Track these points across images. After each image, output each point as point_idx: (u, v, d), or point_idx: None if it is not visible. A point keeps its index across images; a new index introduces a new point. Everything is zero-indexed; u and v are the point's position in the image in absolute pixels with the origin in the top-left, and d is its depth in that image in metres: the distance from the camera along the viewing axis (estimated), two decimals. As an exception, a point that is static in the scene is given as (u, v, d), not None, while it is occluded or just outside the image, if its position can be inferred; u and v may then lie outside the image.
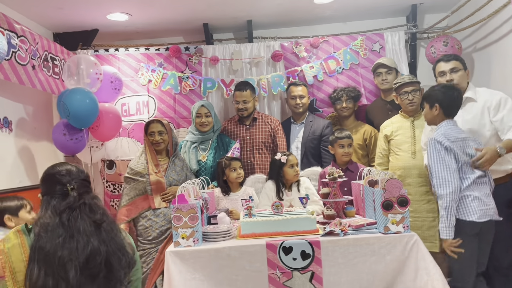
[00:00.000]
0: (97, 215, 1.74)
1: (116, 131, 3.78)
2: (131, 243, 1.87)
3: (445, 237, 2.47)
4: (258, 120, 3.74)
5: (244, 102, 3.63)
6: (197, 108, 3.54)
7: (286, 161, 3.11)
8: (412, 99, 3.25)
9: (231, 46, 4.15)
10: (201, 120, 3.51)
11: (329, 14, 4.17)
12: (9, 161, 3.08)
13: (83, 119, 3.34)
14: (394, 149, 3.30)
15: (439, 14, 4.26)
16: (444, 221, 2.46)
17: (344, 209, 2.86)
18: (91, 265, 1.63)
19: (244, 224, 2.53)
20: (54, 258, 1.58)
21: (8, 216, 2.48)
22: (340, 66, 4.09)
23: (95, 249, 1.65)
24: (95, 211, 1.75)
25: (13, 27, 2.90)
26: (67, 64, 3.42)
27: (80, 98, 3.28)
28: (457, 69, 2.88)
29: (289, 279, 2.35)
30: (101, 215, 1.75)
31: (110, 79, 3.71)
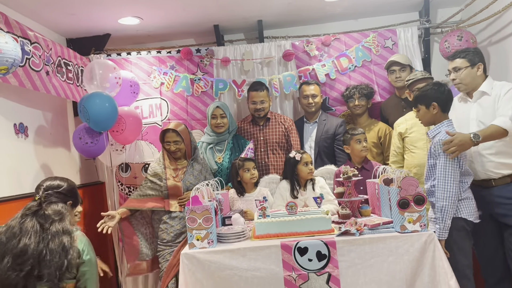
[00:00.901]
0: (47, 223, 2.14)
1: (138, 134, 3.81)
2: (79, 250, 2.16)
3: (442, 238, 2.49)
4: (272, 120, 3.72)
5: (261, 102, 3.62)
6: (212, 109, 3.54)
7: (300, 159, 3.11)
8: None
9: (242, 47, 4.15)
10: (216, 122, 3.51)
11: (340, 11, 4.13)
12: (25, 166, 3.12)
13: (102, 123, 3.37)
14: (409, 146, 3.26)
15: (453, 8, 4.18)
16: (440, 223, 2.50)
17: (360, 208, 2.84)
18: (19, 260, 2.03)
19: (259, 225, 2.52)
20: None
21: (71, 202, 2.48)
22: (353, 63, 4.05)
23: (27, 247, 2.04)
24: (47, 218, 2.15)
25: (27, 34, 2.94)
26: (87, 69, 3.48)
27: (99, 102, 3.32)
28: (458, 68, 2.82)
29: (305, 281, 2.33)
30: (50, 223, 2.14)
31: (129, 83, 3.74)
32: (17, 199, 2.93)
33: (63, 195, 2.33)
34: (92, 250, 2.25)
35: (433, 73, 4.23)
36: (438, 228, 2.51)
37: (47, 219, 2.15)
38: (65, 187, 2.37)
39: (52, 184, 2.35)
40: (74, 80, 3.60)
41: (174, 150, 3.20)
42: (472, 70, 2.80)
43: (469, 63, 2.80)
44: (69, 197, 2.36)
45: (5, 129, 2.95)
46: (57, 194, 2.31)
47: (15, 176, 2.99)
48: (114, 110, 3.40)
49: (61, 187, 2.35)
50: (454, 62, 2.86)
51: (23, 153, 3.12)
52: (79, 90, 3.68)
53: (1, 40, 2.42)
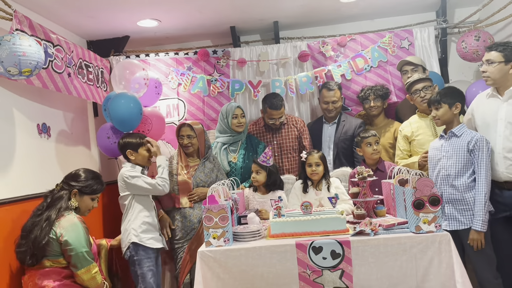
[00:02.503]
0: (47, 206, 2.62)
1: (162, 133, 3.88)
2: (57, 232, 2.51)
3: (484, 229, 2.56)
4: (285, 124, 3.74)
5: (279, 118, 3.66)
6: (234, 109, 3.58)
7: (305, 159, 3.17)
8: (424, 96, 3.21)
9: (258, 48, 4.19)
10: (238, 121, 3.56)
11: (356, 12, 4.14)
12: (48, 165, 3.22)
13: (127, 123, 3.44)
14: (417, 149, 3.24)
15: (470, 8, 4.15)
16: (483, 215, 2.56)
17: (375, 209, 2.84)
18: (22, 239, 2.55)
19: (274, 224, 2.55)
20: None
21: (129, 150, 2.86)
22: (368, 64, 4.05)
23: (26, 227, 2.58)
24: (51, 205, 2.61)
25: (50, 37, 3.03)
26: (115, 70, 3.58)
27: (124, 102, 3.40)
28: (491, 61, 2.72)
29: (319, 276, 2.38)
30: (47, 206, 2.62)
31: (154, 84, 3.81)
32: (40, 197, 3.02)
33: (70, 183, 2.71)
34: (74, 232, 2.53)
35: (450, 73, 4.23)
36: (481, 220, 2.55)
37: (49, 203, 2.63)
38: (77, 176, 2.73)
39: (70, 173, 2.77)
40: (94, 82, 3.69)
41: (186, 143, 3.31)
42: (505, 67, 2.69)
43: (503, 59, 2.68)
44: (75, 186, 2.70)
45: (29, 129, 3.05)
46: (66, 180, 2.73)
47: (38, 175, 3.08)
48: (138, 110, 3.47)
49: (72, 176, 2.74)
50: (489, 54, 2.75)
51: (45, 153, 3.21)
52: (99, 91, 3.77)
53: (25, 43, 2.51)
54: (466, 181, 2.64)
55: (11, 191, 2.77)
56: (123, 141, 2.99)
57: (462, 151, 2.66)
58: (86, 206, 2.77)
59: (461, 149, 2.67)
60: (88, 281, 2.56)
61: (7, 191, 2.73)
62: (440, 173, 2.75)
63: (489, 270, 2.63)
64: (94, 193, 2.79)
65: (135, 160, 3.01)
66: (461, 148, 2.67)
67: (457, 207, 2.67)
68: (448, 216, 2.71)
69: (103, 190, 2.84)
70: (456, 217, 2.67)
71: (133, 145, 2.97)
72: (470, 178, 2.64)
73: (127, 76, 3.58)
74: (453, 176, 2.68)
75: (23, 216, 2.82)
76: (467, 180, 2.64)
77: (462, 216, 2.65)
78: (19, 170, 2.86)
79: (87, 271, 2.55)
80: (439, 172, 2.77)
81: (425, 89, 3.20)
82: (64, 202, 2.64)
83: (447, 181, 2.71)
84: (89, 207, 2.79)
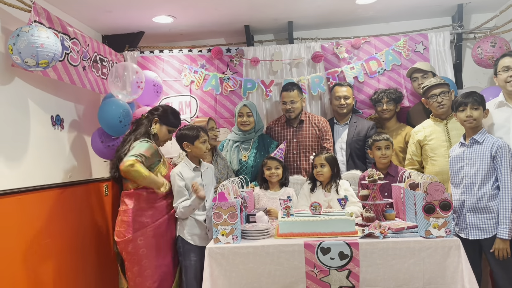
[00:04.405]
0: (132, 133, 3.05)
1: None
2: (130, 148, 2.87)
3: (510, 237, 2.51)
4: (305, 122, 3.73)
5: (291, 103, 3.64)
6: (239, 107, 3.61)
7: (313, 161, 3.20)
8: (441, 101, 3.17)
9: (272, 47, 4.19)
10: (242, 120, 3.57)
11: (371, 14, 4.12)
12: (60, 157, 3.25)
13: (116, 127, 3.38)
14: (429, 154, 3.22)
15: (487, 14, 4.12)
16: (509, 222, 2.51)
17: (384, 212, 2.83)
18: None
19: (283, 224, 2.56)
20: None
21: (186, 143, 2.96)
22: (382, 67, 4.04)
23: (118, 147, 3.09)
24: (135, 130, 3.05)
25: (66, 30, 3.06)
26: (112, 71, 3.51)
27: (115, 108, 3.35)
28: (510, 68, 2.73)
29: (326, 275, 2.38)
30: (132, 133, 3.06)
31: (152, 83, 3.84)
32: (51, 188, 3.06)
33: (153, 112, 3.10)
34: (140, 145, 2.84)
35: (464, 79, 4.19)
36: (508, 228, 2.51)
37: (134, 128, 3.09)
38: (159, 108, 3.12)
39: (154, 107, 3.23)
40: (108, 76, 3.72)
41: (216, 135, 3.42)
42: None
43: None
44: (156, 115, 3.06)
45: (43, 121, 3.09)
46: (149, 111, 3.13)
47: (50, 166, 3.12)
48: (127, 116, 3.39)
49: (155, 108, 3.16)
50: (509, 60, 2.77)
51: (58, 145, 3.25)
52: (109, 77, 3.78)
53: (43, 35, 2.54)
54: (489, 188, 2.59)
55: (25, 180, 2.80)
56: (181, 133, 3.01)
57: (485, 158, 2.61)
58: (164, 135, 3.08)
59: (484, 156, 2.62)
60: (126, 171, 2.74)
61: (21, 181, 2.77)
62: (463, 181, 2.69)
63: (507, 277, 2.57)
64: (172, 126, 3.09)
65: (191, 152, 2.99)
66: (484, 155, 2.62)
67: (480, 216, 2.62)
68: (469, 224, 2.65)
69: (179, 125, 3.15)
70: (479, 226, 2.62)
71: (189, 138, 2.96)
72: (493, 186, 2.59)
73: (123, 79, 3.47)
74: (478, 184, 2.62)
75: (35, 206, 2.87)
76: (490, 187, 2.59)
77: (485, 225, 2.60)
78: (32, 161, 2.90)
79: (124, 162, 2.74)
80: (462, 179, 2.71)
81: (442, 94, 3.18)
82: (144, 127, 3.01)
83: (471, 189, 2.65)
84: (165, 138, 3.10)
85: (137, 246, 2.87)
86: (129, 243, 2.88)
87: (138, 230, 2.87)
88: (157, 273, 2.89)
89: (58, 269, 3.06)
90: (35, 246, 2.83)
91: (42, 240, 2.91)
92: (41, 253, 2.89)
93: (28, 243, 2.77)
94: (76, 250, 3.30)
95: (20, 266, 2.67)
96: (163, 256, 2.92)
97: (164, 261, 2.93)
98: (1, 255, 2.52)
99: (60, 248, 3.11)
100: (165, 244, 2.94)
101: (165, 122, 3.06)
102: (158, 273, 2.90)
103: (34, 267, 2.80)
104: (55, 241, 3.04)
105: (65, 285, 3.12)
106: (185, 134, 2.97)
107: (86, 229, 3.48)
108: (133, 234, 2.87)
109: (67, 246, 3.19)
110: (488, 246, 2.60)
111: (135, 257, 2.89)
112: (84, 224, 3.46)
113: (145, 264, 2.88)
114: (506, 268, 2.58)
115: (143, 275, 2.88)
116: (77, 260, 3.31)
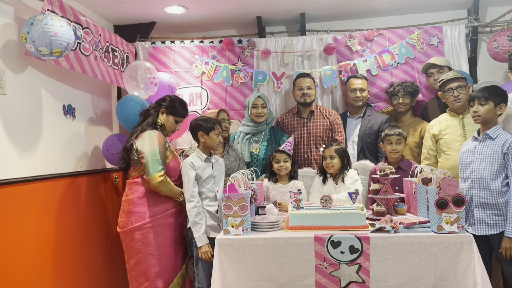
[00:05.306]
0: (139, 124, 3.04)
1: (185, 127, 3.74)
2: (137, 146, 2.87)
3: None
4: (316, 113, 3.73)
5: (308, 88, 3.65)
6: (253, 99, 3.59)
7: (323, 152, 3.22)
8: (457, 95, 3.11)
9: (283, 39, 4.16)
10: (257, 111, 3.56)
11: (386, 6, 4.06)
12: (71, 147, 3.27)
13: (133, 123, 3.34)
14: (443, 148, 3.18)
15: (504, 7, 4.02)
16: None
17: (395, 207, 2.81)
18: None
19: (293, 216, 2.55)
20: None
21: (201, 132, 2.95)
22: (395, 60, 3.99)
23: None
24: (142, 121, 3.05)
25: (79, 19, 3.06)
26: (128, 69, 3.54)
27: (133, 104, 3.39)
28: None
29: (335, 270, 2.37)
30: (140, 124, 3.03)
31: (167, 84, 3.82)
32: (62, 177, 3.08)
33: (160, 103, 3.06)
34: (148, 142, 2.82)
35: (479, 73, 4.12)
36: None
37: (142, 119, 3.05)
38: (166, 99, 3.08)
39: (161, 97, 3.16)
40: (119, 66, 3.72)
41: (226, 127, 3.39)
42: None
43: None
44: (162, 105, 3.04)
45: (55, 110, 3.10)
46: (157, 101, 3.11)
47: (62, 155, 3.14)
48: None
49: (162, 98, 3.10)
50: None
51: (70, 134, 3.26)
52: (124, 76, 3.79)
53: (57, 24, 2.54)
54: (499, 185, 2.54)
55: (36, 169, 2.83)
56: (196, 123, 3.00)
57: (496, 154, 2.57)
58: (171, 126, 3.05)
59: (495, 152, 2.57)
60: (157, 186, 2.80)
61: (32, 170, 2.79)
62: (471, 176, 2.66)
63: None
64: (178, 116, 3.06)
65: (205, 143, 2.97)
66: (495, 151, 2.57)
67: (487, 211, 2.58)
68: (477, 220, 2.61)
69: (186, 116, 3.13)
70: (486, 221, 2.58)
71: (205, 128, 2.95)
72: (503, 183, 2.54)
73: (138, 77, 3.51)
74: (487, 180, 2.58)
75: (47, 195, 2.89)
76: (500, 184, 2.54)
77: (492, 221, 2.56)
78: (44, 150, 2.92)
79: (157, 176, 2.78)
80: (470, 174, 2.67)
81: (459, 89, 3.12)
82: (152, 118, 2.99)
83: (479, 185, 2.61)
84: (172, 128, 3.07)
85: (134, 239, 2.83)
86: (127, 235, 2.86)
87: (137, 222, 2.82)
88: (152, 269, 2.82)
89: (69, 257, 3.09)
90: (46, 234, 2.86)
91: (53, 228, 2.93)
92: (52, 241, 2.91)
93: (40, 231, 2.79)
94: (86, 239, 3.33)
95: (31, 254, 2.70)
96: (164, 251, 2.86)
97: (165, 255, 2.86)
98: (13, 242, 2.54)
99: (72, 237, 3.14)
100: (167, 237, 2.88)
101: (172, 112, 3.03)
102: (154, 269, 2.82)
103: (45, 255, 2.83)
104: (66, 229, 3.06)
105: (75, 273, 3.16)
106: (201, 124, 2.97)
107: (96, 219, 3.50)
108: (131, 226, 2.84)
109: (77, 234, 3.22)
110: (497, 243, 2.56)
111: (132, 250, 2.85)
112: (95, 214, 3.49)
113: (140, 259, 2.82)
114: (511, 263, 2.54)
115: (138, 269, 2.84)
116: (87, 249, 3.34)
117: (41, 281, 2.78)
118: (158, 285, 2.83)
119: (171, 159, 2.97)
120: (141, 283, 2.84)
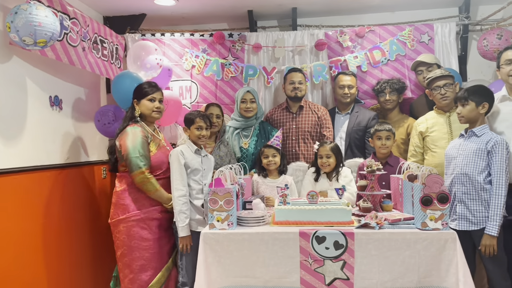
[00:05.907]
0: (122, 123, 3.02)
1: (177, 118, 3.80)
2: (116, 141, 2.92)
3: (497, 234, 2.49)
4: (305, 108, 3.72)
5: (299, 83, 3.65)
6: (242, 93, 3.57)
7: (317, 150, 3.18)
8: (444, 93, 3.12)
9: (275, 34, 4.14)
10: (246, 106, 3.55)
11: (377, 3, 4.06)
12: (58, 138, 3.24)
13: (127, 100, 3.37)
14: (430, 146, 3.19)
15: (494, 5, 4.03)
16: (499, 219, 2.49)
17: (381, 203, 2.82)
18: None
19: (279, 212, 2.54)
20: None
21: (185, 127, 2.99)
22: (386, 57, 3.99)
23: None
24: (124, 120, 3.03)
25: (66, 9, 3.02)
26: (132, 49, 3.54)
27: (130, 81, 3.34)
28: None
29: (320, 266, 2.37)
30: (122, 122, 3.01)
31: (167, 67, 3.78)
32: (48, 169, 3.05)
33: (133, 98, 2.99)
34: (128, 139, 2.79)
35: (469, 71, 4.14)
36: (497, 225, 2.49)
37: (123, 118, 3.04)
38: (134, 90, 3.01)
39: None
40: (109, 58, 3.69)
41: (214, 122, 3.32)
42: None
43: None
44: (133, 98, 2.98)
45: (41, 101, 3.06)
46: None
47: (48, 147, 3.10)
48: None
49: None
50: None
51: (56, 126, 3.23)
52: (113, 67, 3.76)
53: (41, 14, 2.50)
54: (481, 182, 2.57)
55: (22, 160, 2.79)
56: (184, 116, 3.01)
57: (480, 151, 2.59)
58: (147, 108, 2.95)
59: (479, 148, 2.59)
60: (140, 184, 2.80)
61: (17, 160, 2.76)
62: (454, 171, 2.68)
63: (499, 271, 2.58)
64: (147, 94, 2.95)
65: (190, 137, 2.96)
66: (480, 147, 2.59)
67: (469, 207, 2.60)
68: (459, 215, 2.64)
69: (156, 90, 2.99)
70: (468, 217, 2.61)
71: (187, 122, 2.96)
72: (485, 180, 2.57)
73: (141, 57, 3.56)
74: (469, 175, 2.60)
75: (32, 186, 2.86)
76: (482, 181, 2.57)
77: (474, 217, 2.59)
78: (29, 141, 2.89)
79: (138, 173, 2.77)
80: (453, 170, 2.70)
81: (446, 86, 3.13)
82: (129, 112, 2.97)
83: (462, 180, 2.63)
84: (150, 108, 2.95)
85: (120, 231, 2.85)
86: (115, 226, 2.88)
87: (122, 214, 2.84)
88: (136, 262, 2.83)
89: (54, 249, 3.06)
90: (32, 226, 2.84)
91: (39, 220, 2.91)
92: (38, 233, 2.89)
93: (25, 223, 2.77)
94: (72, 231, 3.30)
95: (17, 246, 2.68)
96: (148, 245, 2.84)
97: (150, 249, 2.85)
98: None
99: (57, 229, 3.11)
100: (152, 232, 2.87)
101: (140, 96, 2.96)
102: (138, 262, 2.82)
103: (30, 247, 2.81)
104: (51, 221, 3.04)
105: (61, 265, 3.13)
106: (185, 117, 2.98)
107: (82, 211, 3.48)
108: (117, 218, 2.85)
109: (63, 227, 3.19)
110: (478, 240, 2.59)
111: (118, 242, 2.87)
112: (81, 206, 3.46)
113: (124, 252, 2.84)
114: (497, 263, 2.57)
115: (123, 261, 2.85)
116: (74, 241, 3.32)
117: (26, 273, 2.75)
118: (142, 278, 2.83)
119: (155, 152, 2.93)
120: (126, 275, 2.85)
